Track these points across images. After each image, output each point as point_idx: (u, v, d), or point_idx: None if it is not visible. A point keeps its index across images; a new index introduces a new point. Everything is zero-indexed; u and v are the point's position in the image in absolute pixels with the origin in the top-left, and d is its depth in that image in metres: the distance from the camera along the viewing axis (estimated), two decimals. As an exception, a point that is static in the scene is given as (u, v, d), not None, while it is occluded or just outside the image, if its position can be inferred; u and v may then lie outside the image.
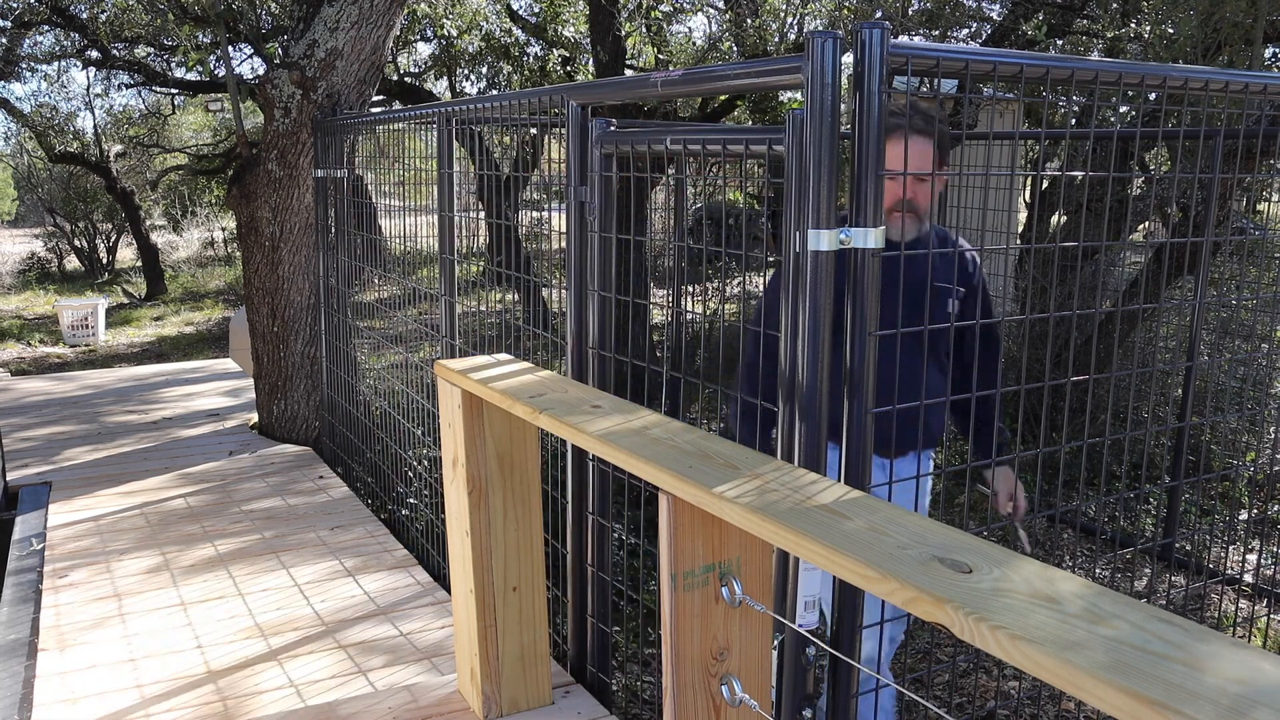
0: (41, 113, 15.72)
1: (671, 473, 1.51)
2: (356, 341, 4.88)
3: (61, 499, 4.37)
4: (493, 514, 2.33)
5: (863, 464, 1.75)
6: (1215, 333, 6.38)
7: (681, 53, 10.17)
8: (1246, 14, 4.69)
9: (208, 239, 20.52)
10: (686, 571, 1.56)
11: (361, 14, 4.70)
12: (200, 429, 5.60)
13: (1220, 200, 4.69)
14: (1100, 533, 4.94)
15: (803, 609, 1.79)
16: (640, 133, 2.26)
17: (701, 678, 1.61)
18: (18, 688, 2.80)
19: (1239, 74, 2.12)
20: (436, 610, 3.29)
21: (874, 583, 1.17)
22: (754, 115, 9.65)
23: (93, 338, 11.33)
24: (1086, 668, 0.95)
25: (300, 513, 4.22)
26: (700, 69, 2.04)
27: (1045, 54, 1.92)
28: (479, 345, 3.45)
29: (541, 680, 2.53)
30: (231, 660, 2.97)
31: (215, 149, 17.51)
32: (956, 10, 7.08)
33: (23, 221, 27.20)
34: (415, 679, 2.84)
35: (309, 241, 5.02)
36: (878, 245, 1.67)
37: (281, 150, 4.88)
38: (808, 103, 1.65)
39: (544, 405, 1.91)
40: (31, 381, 7.06)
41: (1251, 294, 4.68)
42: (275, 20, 11.07)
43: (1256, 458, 5.37)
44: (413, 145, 4.11)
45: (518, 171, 7.36)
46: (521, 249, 5.63)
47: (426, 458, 4.18)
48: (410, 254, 4.19)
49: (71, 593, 3.42)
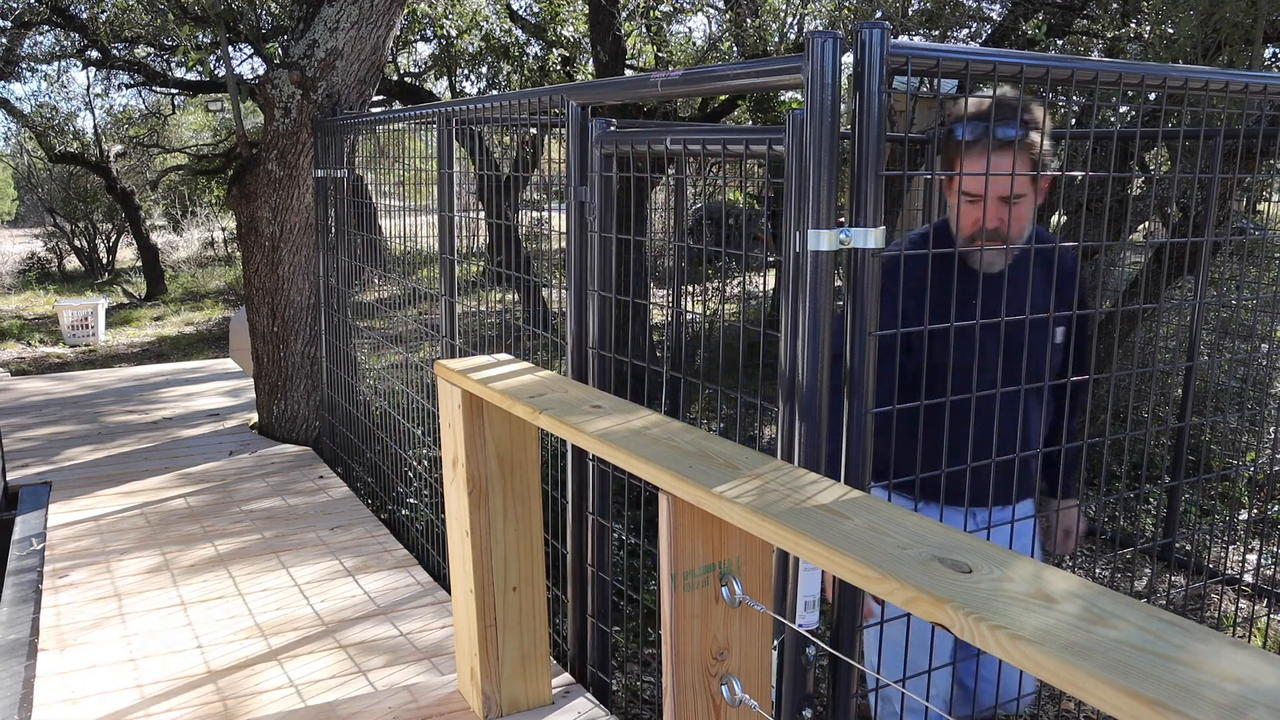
0: (42, 113, 15.74)
1: (671, 473, 1.51)
2: (357, 341, 4.88)
3: (61, 499, 4.37)
4: (493, 514, 2.33)
5: (862, 463, 1.75)
6: (1215, 333, 6.38)
7: (681, 52, 10.17)
8: (1246, 14, 4.69)
9: (208, 239, 20.52)
10: (686, 571, 1.56)
11: (361, 14, 4.70)
12: (200, 429, 5.60)
13: (1220, 200, 4.69)
14: (1100, 532, 4.94)
15: (803, 609, 1.79)
16: (640, 133, 2.26)
17: (701, 678, 1.61)
18: (18, 688, 2.80)
19: (1239, 74, 2.12)
20: (436, 610, 3.29)
21: (874, 583, 1.17)
22: (754, 115, 9.64)
23: (93, 338, 11.33)
24: (1086, 668, 0.95)
25: (300, 513, 4.22)
26: (700, 69, 2.04)
27: (1045, 54, 1.92)
28: (479, 345, 3.45)
29: (541, 680, 2.53)
30: (231, 660, 2.97)
31: (215, 149, 17.52)
32: (956, 10, 7.08)
33: (23, 221, 27.21)
34: (415, 679, 2.84)
35: (309, 241, 5.02)
36: (877, 245, 1.67)
37: (281, 150, 4.88)
38: (807, 103, 1.65)
39: (544, 405, 1.92)
40: (31, 381, 7.06)
41: (1251, 294, 4.68)
42: (275, 20, 11.07)
43: (1256, 458, 5.37)
44: (413, 145, 4.11)
45: (518, 171, 7.36)
46: (521, 249, 5.63)
47: (426, 458, 4.18)
48: (410, 254, 4.19)
49: (71, 593, 3.42)
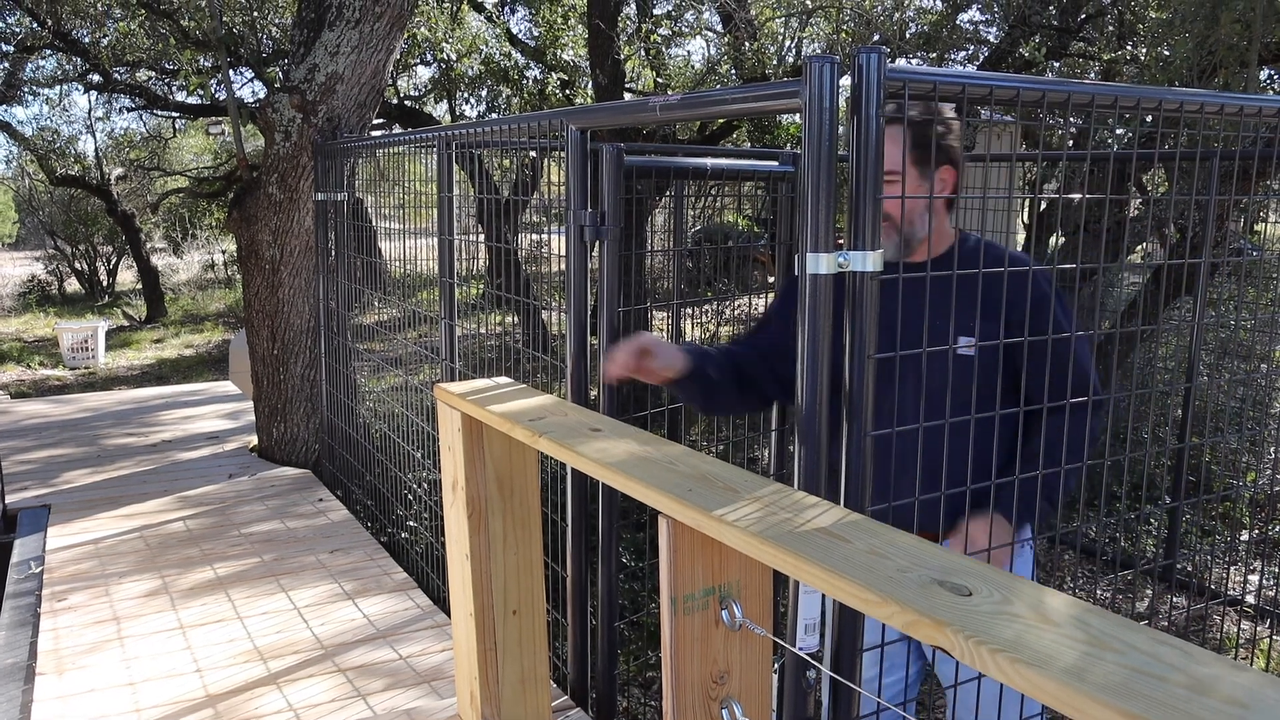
0: (43, 136, 15.81)
1: (671, 496, 1.51)
2: (356, 364, 4.89)
3: (60, 522, 4.36)
4: (493, 537, 2.33)
5: (862, 489, 1.75)
6: (1214, 353, 6.38)
7: (680, 76, 10.22)
8: (1241, 37, 4.72)
9: (208, 262, 20.55)
10: (686, 595, 1.56)
11: (362, 38, 4.73)
12: (200, 452, 5.60)
13: (1218, 221, 4.71)
14: (1101, 554, 4.93)
15: (803, 632, 1.79)
16: (652, 162, 2.26)
17: (702, 701, 1.60)
18: (15, 712, 2.79)
19: (1234, 96, 2.14)
20: (436, 633, 3.28)
21: (874, 606, 1.17)
22: (753, 138, 9.68)
23: (92, 360, 11.33)
24: (1088, 691, 0.94)
25: (299, 536, 4.21)
26: (698, 93, 2.05)
27: (1041, 78, 1.93)
28: (479, 368, 3.45)
29: (541, 704, 2.52)
30: (230, 684, 2.96)
31: (216, 172, 17.57)
32: (954, 34, 7.13)
33: (23, 244, 27.26)
34: (415, 703, 2.82)
35: (309, 264, 5.03)
36: (876, 268, 1.67)
37: (282, 173, 4.90)
38: (805, 127, 1.66)
39: (544, 429, 1.92)
40: (31, 404, 7.05)
41: (1250, 314, 4.69)
42: (276, 44, 11.14)
43: (1257, 478, 5.36)
44: (412, 168, 4.13)
45: (517, 195, 7.39)
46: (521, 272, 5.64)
47: (426, 480, 4.17)
48: (410, 277, 4.20)
49: (70, 616, 3.41)
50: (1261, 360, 5.57)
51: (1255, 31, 4.69)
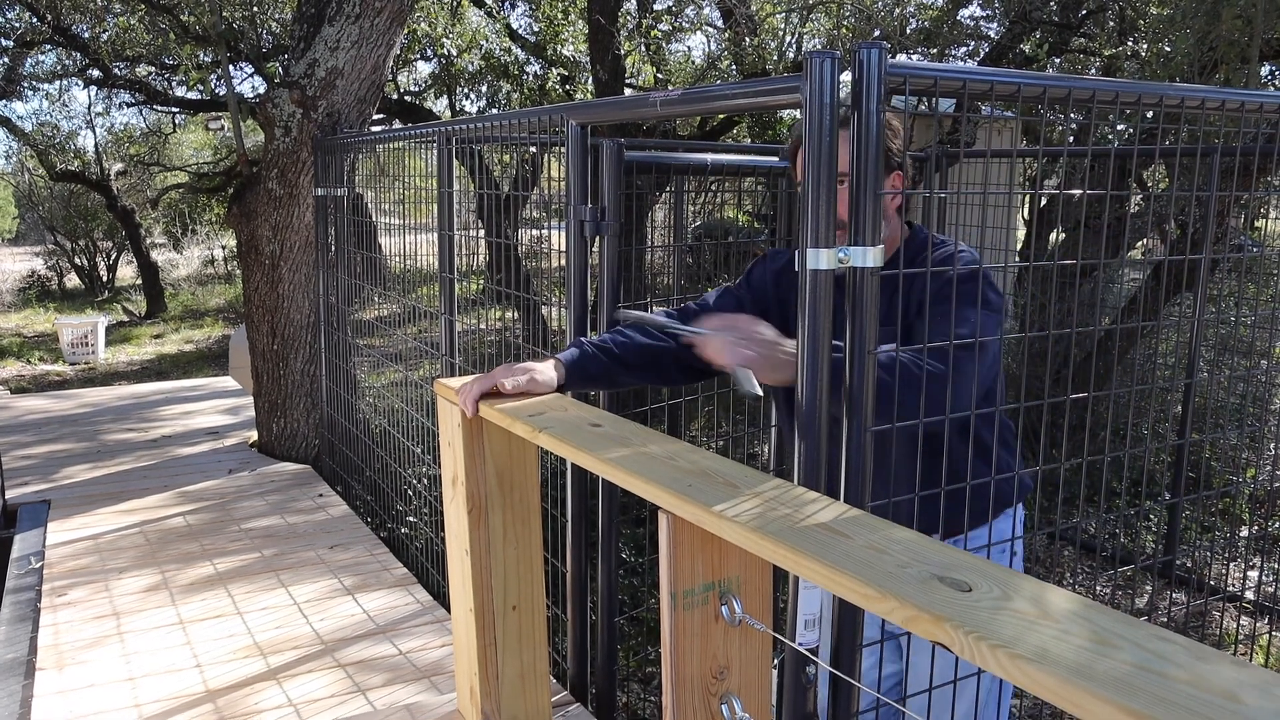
0: (43, 131, 15.78)
1: (671, 491, 1.51)
2: (356, 359, 4.89)
3: (60, 517, 4.36)
4: (492, 533, 2.33)
5: (861, 482, 1.75)
6: (1214, 349, 6.38)
7: (680, 71, 10.21)
8: (1242, 32, 4.72)
9: (208, 257, 20.53)
10: (686, 590, 1.56)
11: (362, 33, 4.72)
12: (200, 447, 5.60)
13: (1218, 217, 4.71)
14: (1101, 550, 4.93)
15: (803, 627, 1.79)
16: (653, 157, 2.25)
17: (701, 696, 1.60)
18: (15, 707, 2.79)
19: (1235, 92, 2.13)
20: (436, 629, 3.28)
21: (873, 601, 1.17)
22: (754, 133, 9.67)
23: (92, 356, 11.33)
24: (1090, 687, 0.94)
25: (299, 531, 4.21)
26: (699, 89, 2.05)
27: (1042, 74, 1.93)
28: (479, 363, 3.45)
29: (541, 699, 2.52)
30: (230, 679, 2.96)
31: (216, 167, 17.56)
32: (954, 29, 7.12)
33: (23, 239, 27.23)
34: (414, 698, 2.83)
35: (309, 260, 5.02)
36: (876, 264, 1.67)
37: (282, 169, 4.89)
38: (805, 122, 1.65)
39: (544, 424, 1.91)
40: (31, 399, 7.05)
41: (1250, 311, 4.69)
42: (276, 39, 11.12)
43: (1257, 474, 5.36)
44: (413, 164, 4.12)
45: (517, 190, 7.38)
46: (521, 267, 5.65)
47: (426, 476, 4.17)
48: (410, 272, 4.20)
49: (70, 611, 3.41)
50: (1261, 356, 5.57)
51: (1256, 27, 4.68)
